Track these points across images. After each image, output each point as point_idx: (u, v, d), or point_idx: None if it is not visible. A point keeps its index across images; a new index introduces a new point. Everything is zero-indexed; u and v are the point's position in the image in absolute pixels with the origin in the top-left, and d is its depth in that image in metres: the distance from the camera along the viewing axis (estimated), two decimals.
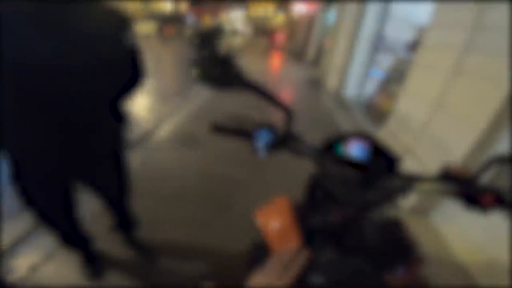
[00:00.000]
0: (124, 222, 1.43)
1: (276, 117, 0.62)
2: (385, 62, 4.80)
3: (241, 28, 29.28)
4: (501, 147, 1.63)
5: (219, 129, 0.60)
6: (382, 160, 0.55)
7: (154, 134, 3.00)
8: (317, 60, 9.07)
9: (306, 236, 0.61)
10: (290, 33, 18.18)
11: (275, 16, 26.95)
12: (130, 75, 1.05)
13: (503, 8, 1.63)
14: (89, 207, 1.57)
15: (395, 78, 4.00)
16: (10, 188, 0.95)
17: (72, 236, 1.22)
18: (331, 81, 6.08)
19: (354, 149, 0.56)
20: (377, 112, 4.26)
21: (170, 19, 14.40)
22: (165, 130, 3.14)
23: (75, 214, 1.16)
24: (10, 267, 1.34)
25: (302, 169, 0.65)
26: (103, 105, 0.98)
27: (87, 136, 0.94)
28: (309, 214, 0.63)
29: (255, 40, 21.71)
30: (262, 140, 0.58)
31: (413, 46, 3.76)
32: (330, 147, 0.58)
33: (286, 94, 6.02)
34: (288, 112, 0.59)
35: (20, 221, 1.50)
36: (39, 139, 0.85)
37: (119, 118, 1.09)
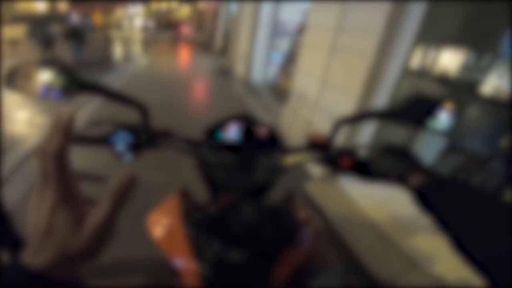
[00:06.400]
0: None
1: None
2: (283, 45, 5.20)
3: (142, 23, 27.11)
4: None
5: (78, 140, 0.52)
6: (257, 139, 0.55)
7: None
8: (225, 49, 9.13)
9: (193, 233, 0.55)
10: (198, 24, 17.67)
11: (179, 8, 25.85)
12: None
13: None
14: None
15: (291, 59, 4.31)
16: None
17: None
18: (239, 69, 6.23)
19: (231, 132, 0.55)
20: (281, 92, 4.58)
21: (47, 20, 12.16)
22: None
23: None
24: None
25: None
26: None
27: None
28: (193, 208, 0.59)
29: (159, 34, 20.25)
30: (122, 143, 0.52)
31: (302, 28, 4.03)
32: (210, 135, 0.56)
33: (197, 85, 5.90)
34: (141, 108, 0.53)
35: None
36: None
37: None
